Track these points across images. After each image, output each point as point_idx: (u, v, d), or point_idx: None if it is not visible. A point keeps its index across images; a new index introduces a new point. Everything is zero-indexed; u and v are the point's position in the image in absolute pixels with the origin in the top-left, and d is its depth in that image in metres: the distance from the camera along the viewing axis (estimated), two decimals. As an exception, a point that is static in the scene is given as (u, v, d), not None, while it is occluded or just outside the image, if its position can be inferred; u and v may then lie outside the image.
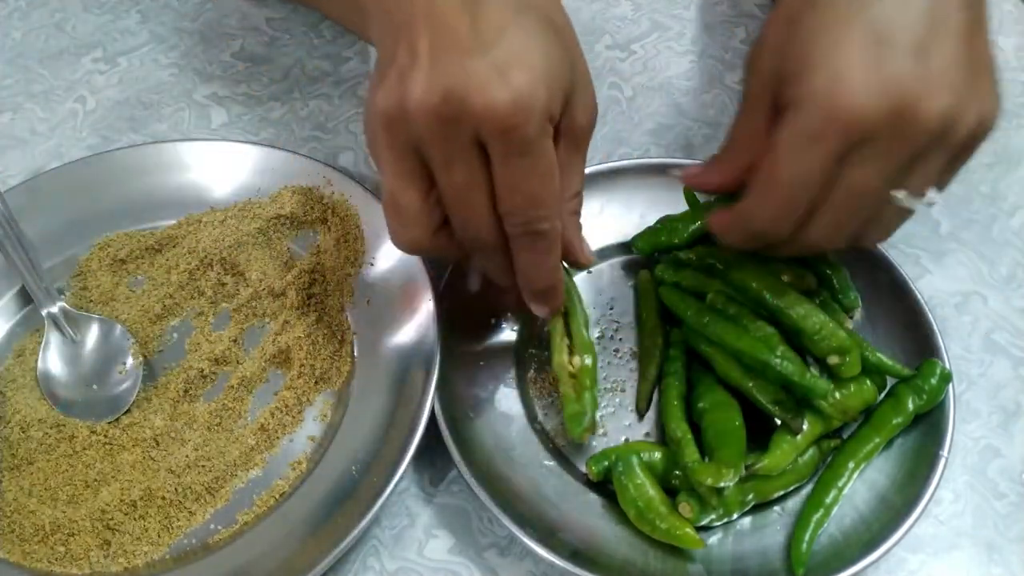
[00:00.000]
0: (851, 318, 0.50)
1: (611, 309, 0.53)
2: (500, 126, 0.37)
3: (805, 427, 0.45)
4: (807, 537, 0.44)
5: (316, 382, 0.49)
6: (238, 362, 0.50)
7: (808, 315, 0.45)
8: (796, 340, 0.46)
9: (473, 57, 0.37)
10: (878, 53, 0.38)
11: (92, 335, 0.51)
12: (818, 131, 0.39)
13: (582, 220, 0.46)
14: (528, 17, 0.38)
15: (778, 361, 0.44)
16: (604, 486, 0.46)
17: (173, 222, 0.55)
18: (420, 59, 0.38)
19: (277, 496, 0.46)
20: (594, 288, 0.53)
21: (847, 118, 0.38)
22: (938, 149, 0.40)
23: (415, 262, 0.50)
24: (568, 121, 0.41)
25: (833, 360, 0.45)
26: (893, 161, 0.39)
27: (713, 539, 0.45)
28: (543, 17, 0.39)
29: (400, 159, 0.39)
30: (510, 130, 0.37)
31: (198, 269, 0.53)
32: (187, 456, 0.47)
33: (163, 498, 0.46)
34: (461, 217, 0.40)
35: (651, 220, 0.54)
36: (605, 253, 0.54)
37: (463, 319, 0.51)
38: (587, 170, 0.54)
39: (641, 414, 0.49)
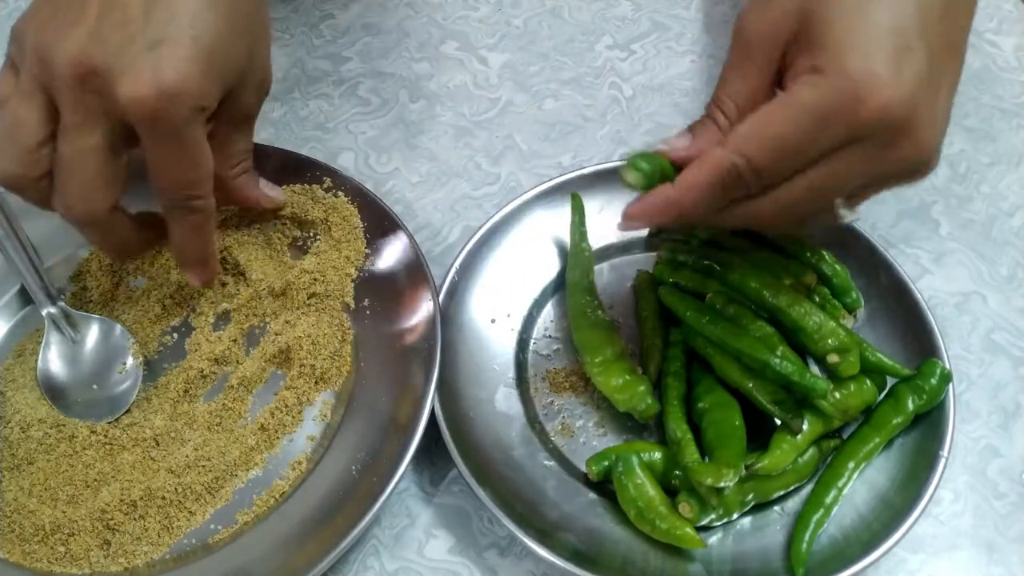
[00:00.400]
0: (855, 318, 0.50)
1: (611, 308, 0.53)
2: (144, 116, 0.38)
3: (805, 427, 0.45)
4: (807, 537, 0.44)
5: (316, 382, 0.49)
6: (238, 362, 0.50)
7: (808, 314, 0.45)
8: (795, 339, 0.46)
9: (134, 40, 0.38)
10: (901, 56, 0.37)
11: (92, 335, 0.51)
12: (836, 111, 0.37)
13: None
14: (208, 1, 0.39)
15: (778, 361, 0.44)
16: (604, 486, 0.46)
17: (173, 222, 0.55)
18: (86, 18, 0.38)
19: (277, 496, 0.46)
20: (594, 288, 0.53)
21: (872, 110, 0.36)
22: (902, 173, 0.39)
23: (415, 262, 0.50)
24: (233, 104, 0.42)
25: (833, 359, 0.45)
26: (874, 166, 0.38)
27: (713, 539, 0.45)
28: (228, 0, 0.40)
29: (33, 91, 0.39)
30: (156, 120, 0.38)
31: (198, 269, 0.53)
32: (187, 456, 0.47)
33: (163, 498, 0.46)
34: (67, 184, 0.40)
35: (651, 220, 0.54)
36: (605, 253, 0.54)
37: (463, 319, 0.51)
38: (587, 170, 0.55)
39: (641, 414, 0.49)
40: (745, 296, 0.47)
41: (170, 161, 0.40)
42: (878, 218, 0.57)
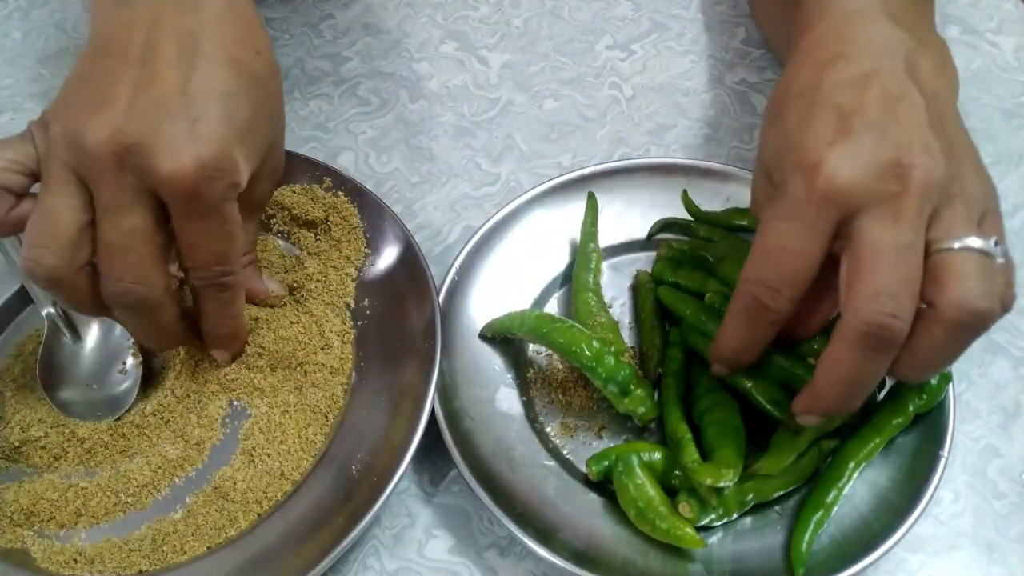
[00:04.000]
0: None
1: (610, 308, 0.53)
2: (184, 190, 0.38)
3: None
4: (807, 537, 0.44)
5: (316, 382, 0.49)
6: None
7: (808, 315, 0.45)
8: (796, 340, 0.46)
9: (173, 117, 0.38)
10: (846, 134, 0.38)
11: (92, 335, 0.51)
12: (798, 207, 0.38)
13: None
14: (242, 81, 0.40)
15: (778, 361, 0.44)
16: (604, 486, 0.46)
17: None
18: (117, 100, 0.38)
19: (277, 496, 0.46)
20: (594, 288, 0.53)
21: (826, 190, 0.37)
22: (952, 203, 0.38)
23: (415, 262, 0.50)
24: (250, 191, 0.42)
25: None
26: (902, 217, 0.37)
27: (713, 539, 0.45)
28: (255, 80, 0.41)
29: (66, 180, 0.39)
30: (197, 195, 0.38)
31: (198, 269, 0.53)
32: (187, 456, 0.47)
33: (163, 498, 0.46)
34: (118, 267, 0.39)
35: (651, 220, 0.54)
36: (605, 254, 0.54)
37: (463, 319, 0.51)
38: (588, 170, 0.55)
39: (641, 414, 0.49)
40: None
41: (206, 237, 0.40)
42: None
